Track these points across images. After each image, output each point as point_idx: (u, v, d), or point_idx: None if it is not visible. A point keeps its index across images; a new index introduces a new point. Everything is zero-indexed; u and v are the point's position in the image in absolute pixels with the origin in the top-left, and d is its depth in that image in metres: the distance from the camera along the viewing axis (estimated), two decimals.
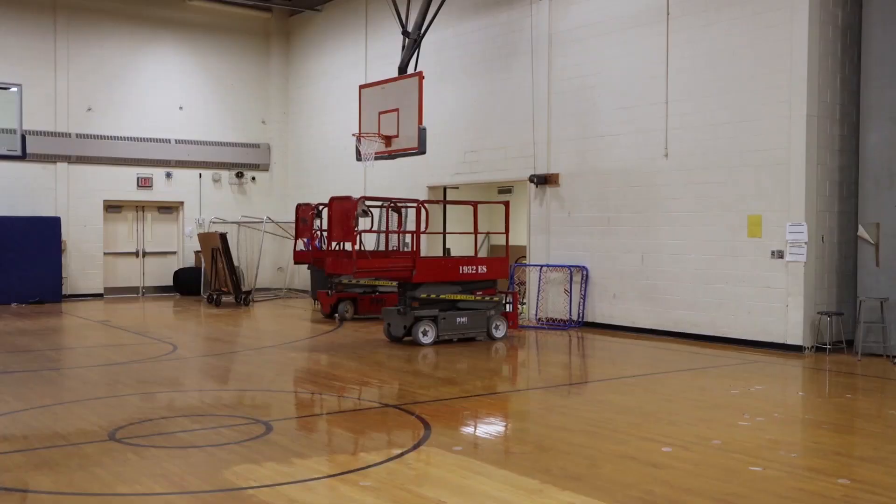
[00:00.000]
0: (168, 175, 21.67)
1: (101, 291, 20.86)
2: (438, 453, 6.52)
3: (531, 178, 15.69)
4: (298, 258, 15.79)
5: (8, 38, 19.64)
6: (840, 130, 12.32)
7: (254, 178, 23.05)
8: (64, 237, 19.95)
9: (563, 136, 15.34)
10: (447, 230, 17.75)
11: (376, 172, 18.18)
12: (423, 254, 13.93)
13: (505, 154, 16.53)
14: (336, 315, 16.09)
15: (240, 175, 22.72)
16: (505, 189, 19.94)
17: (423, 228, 13.04)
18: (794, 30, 11.91)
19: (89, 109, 20.61)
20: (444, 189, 18.57)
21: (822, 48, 11.97)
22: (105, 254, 21.05)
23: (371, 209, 14.50)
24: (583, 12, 14.97)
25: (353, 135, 14.83)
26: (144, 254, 21.81)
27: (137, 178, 21.30)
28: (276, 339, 13.59)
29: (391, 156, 14.41)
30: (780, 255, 12.08)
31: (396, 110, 13.92)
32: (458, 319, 12.85)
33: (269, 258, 22.68)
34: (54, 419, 7.67)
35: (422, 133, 13.52)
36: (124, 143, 21.00)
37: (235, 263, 20.09)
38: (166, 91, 21.66)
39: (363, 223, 15.13)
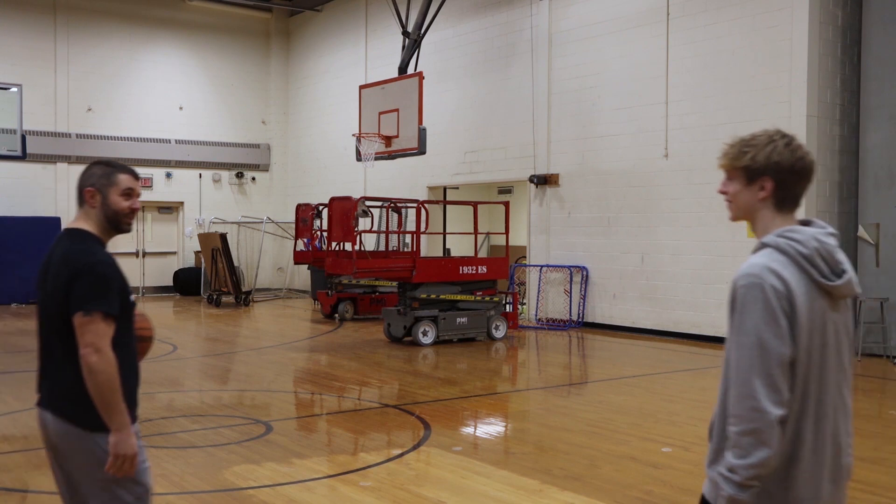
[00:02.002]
0: (168, 175, 21.66)
1: None
2: (438, 453, 6.52)
3: (531, 179, 15.69)
4: (298, 258, 15.79)
5: (8, 38, 19.63)
6: (840, 130, 12.32)
7: (254, 179, 23.05)
8: None
9: (563, 136, 15.34)
10: (447, 230, 17.75)
11: (376, 172, 18.18)
12: (423, 254, 13.93)
13: (505, 154, 16.53)
14: (336, 315, 16.08)
15: (240, 175, 22.71)
16: (505, 189, 19.94)
17: (423, 229, 13.04)
18: (794, 30, 11.91)
19: (89, 109, 20.61)
20: (444, 189, 18.57)
21: (822, 48, 11.97)
22: None
23: (371, 209, 14.50)
24: (583, 12, 14.97)
25: (353, 135, 14.83)
26: (144, 254, 21.81)
27: None
28: (276, 340, 13.59)
29: (391, 156, 14.40)
30: None
31: (396, 110, 13.92)
32: (458, 319, 12.84)
33: (269, 258, 22.69)
34: None
35: (422, 133, 13.52)
36: (124, 143, 20.99)
37: (235, 264, 20.09)
38: (166, 91, 21.66)
39: (363, 223, 15.13)
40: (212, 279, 19.66)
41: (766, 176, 2.40)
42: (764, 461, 2.25)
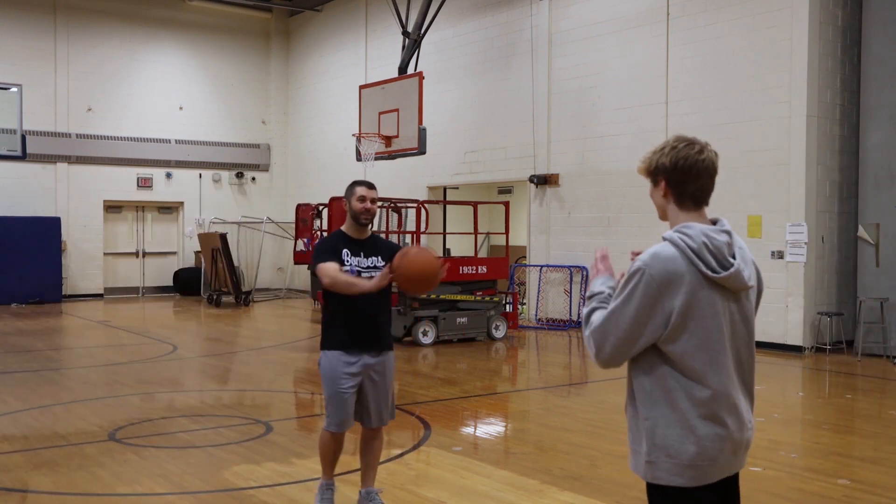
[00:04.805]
0: (168, 175, 21.66)
1: (101, 292, 20.86)
2: (438, 453, 6.52)
3: (531, 179, 15.69)
4: (298, 258, 15.78)
5: (8, 38, 19.63)
6: (840, 130, 12.32)
7: (254, 179, 23.05)
8: (64, 237, 19.94)
9: (563, 137, 15.34)
10: (447, 230, 17.74)
11: (376, 172, 18.16)
12: None
13: (505, 154, 16.53)
14: None
15: (240, 175, 22.71)
16: (505, 189, 19.94)
17: (423, 228, 13.04)
18: (794, 30, 11.91)
19: (89, 109, 20.61)
20: (444, 189, 18.56)
21: (822, 48, 11.97)
22: (105, 254, 21.05)
23: None
24: (583, 12, 14.97)
25: (353, 135, 14.83)
26: (144, 254, 21.81)
27: (137, 179, 21.30)
28: (276, 339, 13.59)
29: (391, 156, 14.40)
30: (780, 255, 12.08)
31: (396, 110, 13.92)
32: (458, 319, 12.84)
33: (269, 258, 22.68)
34: (54, 419, 7.67)
35: (422, 133, 13.52)
36: (124, 143, 20.99)
37: (235, 264, 20.09)
38: (166, 91, 21.65)
39: None
40: (212, 279, 19.65)
41: (660, 176, 2.75)
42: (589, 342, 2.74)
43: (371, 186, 4.99)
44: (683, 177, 2.72)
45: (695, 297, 2.59)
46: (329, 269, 4.76)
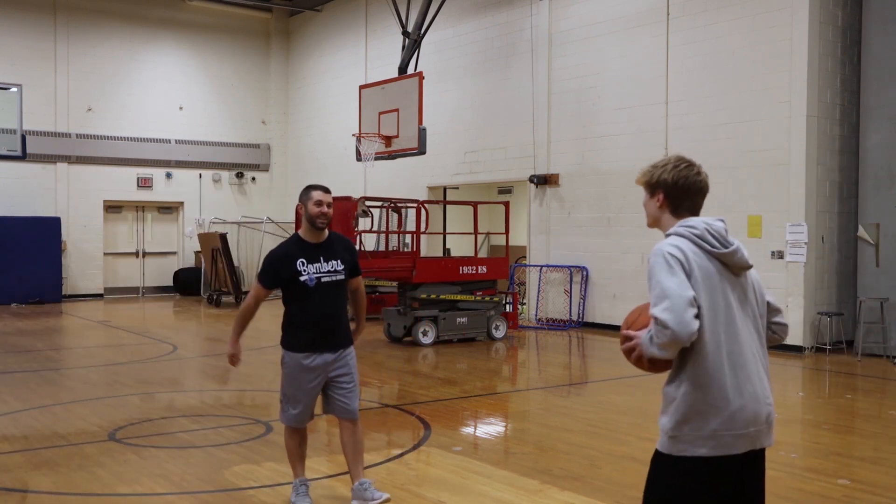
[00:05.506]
0: (168, 175, 21.66)
1: (101, 292, 20.86)
2: (438, 453, 6.52)
3: (531, 179, 15.69)
4: None
5: (8, 38, 19.63)
6: (840, 130, 12.31)
7: (254, 179, 23.05)
8: (64, 237, 19.94)
9: (563, 137, 15.34)
10: (447, 230, 17.74)
11: (376, 172, 18.17)
12: (423, 254, 13.92)
13: (505, 154, 16.53)
14: None
15: (240, 175, 22.71)
16: (505, 189, 19.94)
17: (423, 229, 13.04)
18: (794, 30, 11.91)
19: (89, 109, 20.61)
20: (444, 189, 18.56)
21: (822, 48, 11.96)
22: (105, 254, 21.04)
23: (371, 209, 14.49)
24: (583, 12, 14.97)
25: (353, 135, 14.82)
26: (144, 254, 21.80)
27: (137, 179, 21.30)
28: (276, 339, 13.53)
29: (391, 156, 14.40)
30: (780, 255, 12.08)
31: (396, 110, 13.92)
32: (458, 320, 12.84)
33: None
34: (54, 419, 7.67)
35: (422, 133, 13.51)
36: (124, 143, 20.99)
37: (235, 264, 20.09)
38: (166, 91, 21.65)
39: (363, 223, 15.12)
40: (212, 279, 19.65)
41: (659, 189, 3.12)
42: (662, 351, 2.83)
43: (327, 191, 5.07)
44: (683, 193, 3.09)
45: (705, 274, 2.88)
46: (253, 297, 5.31)
